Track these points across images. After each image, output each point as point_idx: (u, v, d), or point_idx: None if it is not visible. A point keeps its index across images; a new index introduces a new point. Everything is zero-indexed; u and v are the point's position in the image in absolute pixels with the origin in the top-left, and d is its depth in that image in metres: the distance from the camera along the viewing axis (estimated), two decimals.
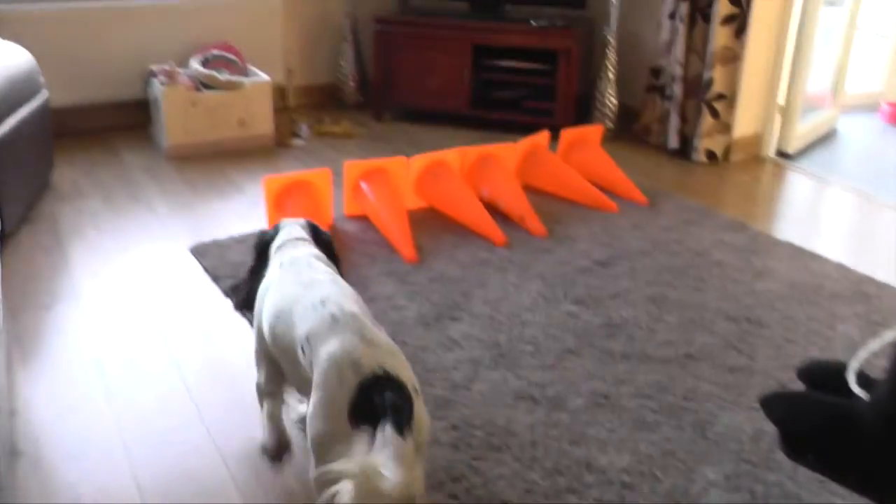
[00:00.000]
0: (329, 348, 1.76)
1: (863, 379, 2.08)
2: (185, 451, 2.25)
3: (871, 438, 1.94)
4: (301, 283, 2.03)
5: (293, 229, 2.30)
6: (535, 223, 3.63)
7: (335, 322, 1.82)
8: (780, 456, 2.23)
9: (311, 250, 2.21)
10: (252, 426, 2.33)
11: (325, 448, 1.70)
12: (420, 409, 1.72)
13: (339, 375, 1.70)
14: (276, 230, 2.32)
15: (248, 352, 2.68)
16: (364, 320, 1.86)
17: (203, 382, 2.54)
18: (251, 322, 2.37)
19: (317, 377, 1.75)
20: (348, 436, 1.65)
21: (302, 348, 1.85)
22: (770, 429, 2.33)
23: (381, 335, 1.84)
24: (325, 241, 2.32)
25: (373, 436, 1.60)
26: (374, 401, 1.64)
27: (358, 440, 1.63)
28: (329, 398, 1.71)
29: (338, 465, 1.54)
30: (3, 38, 4.02)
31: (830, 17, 5.05)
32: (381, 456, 1.55)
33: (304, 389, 1.91)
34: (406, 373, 1.75)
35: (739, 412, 2.42)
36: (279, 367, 2.11)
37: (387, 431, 1.58)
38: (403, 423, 1.61)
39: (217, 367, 2.62)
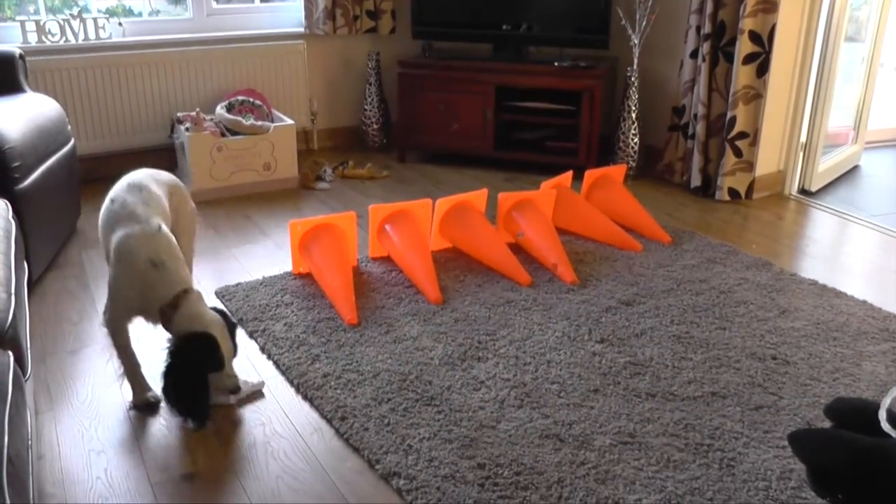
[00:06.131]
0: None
1: (892, 417, 2.06)
2: (211, 493, 2.26)
3: None
4: None
5: None
6: (567, 271, 3.57)
7: None
8: (809, 494, 2.22)
9: None
10: (279, 468, 2.34)
11: None
12: None
13: None
14: None
15: (275, 395, 2.70)
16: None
17: (229, 425, 2.55)
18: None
19: None
20: None
21: None
22: (798, 467, 2.31)
23: None
24: None
25: None
26: None
27: None
28: None
29: None
30: (32, 89, 4.08)
31: (852, 53, 5.05)
32: None
33: None
34: None
35: (766, 450, 2.41)
36: None
37: None
38: None
39: (243, 409, 2.63)
